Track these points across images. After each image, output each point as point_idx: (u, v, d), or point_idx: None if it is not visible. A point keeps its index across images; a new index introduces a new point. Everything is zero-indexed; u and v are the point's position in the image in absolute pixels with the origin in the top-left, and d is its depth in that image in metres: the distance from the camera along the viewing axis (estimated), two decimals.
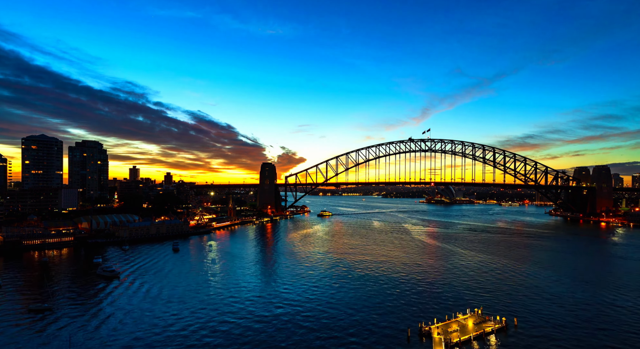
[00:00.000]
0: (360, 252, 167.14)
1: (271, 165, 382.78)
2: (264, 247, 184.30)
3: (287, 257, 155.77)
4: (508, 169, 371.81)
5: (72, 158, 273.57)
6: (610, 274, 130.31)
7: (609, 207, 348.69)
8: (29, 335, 74.57)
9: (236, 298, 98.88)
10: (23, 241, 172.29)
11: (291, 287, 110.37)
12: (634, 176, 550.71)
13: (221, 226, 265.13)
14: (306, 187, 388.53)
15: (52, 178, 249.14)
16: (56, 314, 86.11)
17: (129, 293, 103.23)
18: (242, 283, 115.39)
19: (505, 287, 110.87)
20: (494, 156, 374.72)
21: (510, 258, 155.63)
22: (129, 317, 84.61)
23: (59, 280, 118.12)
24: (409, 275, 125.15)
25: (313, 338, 74.12)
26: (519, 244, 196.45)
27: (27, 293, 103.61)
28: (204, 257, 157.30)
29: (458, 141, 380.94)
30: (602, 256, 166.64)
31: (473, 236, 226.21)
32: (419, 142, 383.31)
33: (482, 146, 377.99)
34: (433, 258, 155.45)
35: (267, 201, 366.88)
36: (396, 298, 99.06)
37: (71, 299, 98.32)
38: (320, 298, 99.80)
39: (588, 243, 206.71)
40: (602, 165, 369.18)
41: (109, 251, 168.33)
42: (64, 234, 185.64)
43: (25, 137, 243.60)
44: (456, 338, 72.02)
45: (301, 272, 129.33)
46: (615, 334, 76.24)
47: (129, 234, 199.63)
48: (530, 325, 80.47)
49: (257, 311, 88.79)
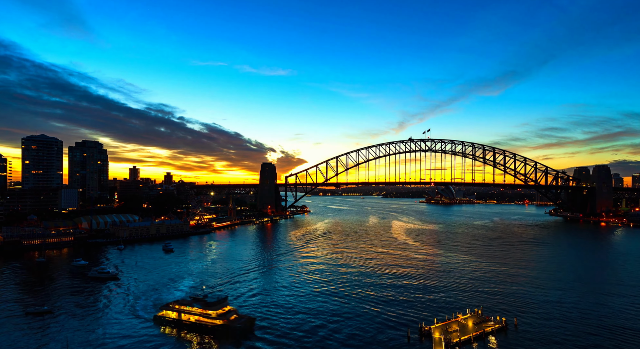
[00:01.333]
0: (360, 253, 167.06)
1: (271, 165, 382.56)
2: (264, 248, 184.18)
3: (286, 258, 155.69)
4: (508, 169, 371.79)
5: (72, 158, 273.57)
6: (610, 274, 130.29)
7: (609, 207, 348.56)
8: (24, 338, 74.53)
9: (237, 299, 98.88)
10: (23, 241, 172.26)
11: (290, 287, 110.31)
12: (634, 175, 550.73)
13: (221, 226, 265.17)
14: (306, 187, 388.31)
15: (52, 178, 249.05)
16: (54, 316, 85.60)
17: (122, 295, 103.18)
18: (241, 283, 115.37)
19: (505, 287, 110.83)
20: (494, 156, 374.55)
21: (510, 258, 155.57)
22: (121, 318, 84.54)
23: (53, 282, 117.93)
24: (408, 275, 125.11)
25: (313, 338, 74.06)
26: (518, 244, 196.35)
27: (25, 295, 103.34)
28: (204, 257, 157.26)
29: (458, 141, 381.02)
30: (602, 256, 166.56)
31: (473, 236, 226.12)
32: (419, 142, 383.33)
33: (482, 146, 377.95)
34: (433, 258, 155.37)
35: (267, 201, 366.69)
36: (396, 298, 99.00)
37: (67, 301, 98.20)
38: (320, 298, 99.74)
39: (588, 243, 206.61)
40: (602, 165, 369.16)
41: (107, 252, 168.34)
42: (63, 234, 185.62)
43: (25, 137, 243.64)
44: (456, 338, 71.97)
45: (300, 272, 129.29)
46: (615, 334, 76.20)
47: (129, 234, 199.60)
48: (530, 325, 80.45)
49: (257, 311, 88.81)
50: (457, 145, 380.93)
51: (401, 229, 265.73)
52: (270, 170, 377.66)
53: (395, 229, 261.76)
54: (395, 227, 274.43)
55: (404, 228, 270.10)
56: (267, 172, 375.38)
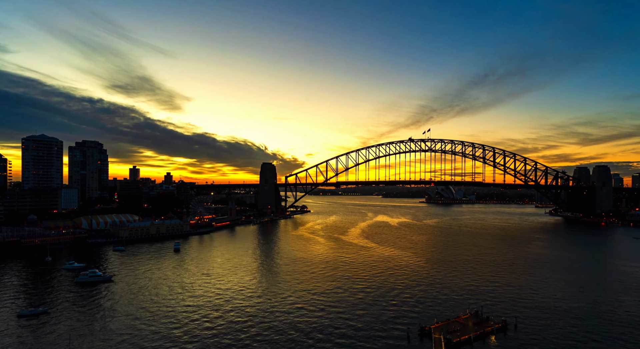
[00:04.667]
0: (360, 253, 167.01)
1: (271, 165, 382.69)
2: (264, 247, 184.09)
3: (286, 257, 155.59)
4: (508, 169, 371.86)
5: (72, 158, 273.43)
6: (610, 274, 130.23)
7: (609, 207, 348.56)
8: (22, 340, 74.48)
9: (236, 298, 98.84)
10: (23, 241, 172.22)
11: (290, 287, 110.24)
12: (634, 175, 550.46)
13: (221, 226, 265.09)
14: (306, 187, 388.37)
15: (52, 178, 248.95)
16: (52, 317, 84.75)
17: (123, 296, 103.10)
18: (241, 283, 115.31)
19: (505, 287, 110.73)
20: (494, 156, 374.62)
21: (510, 258, 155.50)
22: (123, 319, 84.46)
23: (48, 283, 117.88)
24: (408, 275, 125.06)
25: (312, 338, 74.00)
26: (518, 244, 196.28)
27: (23, 295, 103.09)
28: (203, 257, 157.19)
29: (458, 141, 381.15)
30: (602, 256, 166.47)
31: (472, 236, 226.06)
32: (419, 142, 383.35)
33: (482, 146, 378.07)
34: (433, 258, 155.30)
35: (267, 200, 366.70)
36: (396, 298, 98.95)
37: (59, 303, 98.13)
38: (319, 298, 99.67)
39: (588, 243, 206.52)
40: (602, 165, 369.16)
41: (105, 253, 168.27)
42: (63, 234, 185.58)
43: (25, 137, 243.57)
44: (456, 338, 71.91)
45: (300, 272, 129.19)
46: (615, 335, 76.12)
47: (129, 234, 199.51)
48: (530, 325, 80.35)
49: (257, 311, 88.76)
50: (457, 145, 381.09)
51: (401, 228, 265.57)
52: (270, 170, 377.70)
53: (395, 229, 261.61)
54: (395, 227, 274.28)
55: (404, 228, 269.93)
56: (267, 172, 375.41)
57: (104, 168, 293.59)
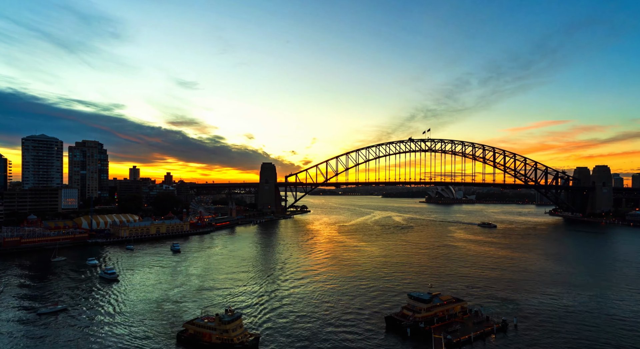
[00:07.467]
0: (360, 252, 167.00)
1: (271, 165, 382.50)
2: (264, 247, 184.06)
3: (285, 257, 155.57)
4: (508, 169, 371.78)
5: (72, 158, 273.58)
6: (610, 274, 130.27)
7: (609, 207, 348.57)
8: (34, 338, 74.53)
9: (235, 298, 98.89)
10: (22, 240, 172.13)
11: (290, 287, 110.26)
12: (634, 176, 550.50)
13: (221, 225, 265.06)
14: (306, 187, 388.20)
15: (52, 178, 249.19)
16: (66, 316, 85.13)
17: (132, 294, 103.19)
18: (241, 283, 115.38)
19: (505, 287, 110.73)
20: (494, 156, 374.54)
21: (510, 258, 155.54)
22: (131, 318, 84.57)
23: (60, 282, 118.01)
24: (408, 274, 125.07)
25: (311, 338, 74.04)
26: (518, 244, 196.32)
27: (35, 295, 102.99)
28: (204, 257, 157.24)
29: (458, 141, 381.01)
30: (602, 256, 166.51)
31: (472, 236, 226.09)
32: (419, 142, 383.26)
33: (482, 146, 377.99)
34: (433, 258, 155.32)
35: (267, 200, 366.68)
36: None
37: (77, 301, 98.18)
38: (319, 297, 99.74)
39: (588, 243, 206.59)
40: (602, 165, 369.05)
41: (109, 252, 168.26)
42: (63, 234, 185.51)
43: (25, 137, 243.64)
44: (456, 338, 71.89)
45: (300, 272, 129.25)
46: (615, 335, 76.12)
47: (129, 234, 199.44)
48: (530, 325, 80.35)
49: (256, 311, 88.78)
50: (457, 145, 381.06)
51: (401, 228, 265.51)
52: (270, 170, 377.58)
53: (395, 228, 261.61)
54: (395, 226, 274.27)
55: (404, 227, 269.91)
56: (267, 172, 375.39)
57: (104, 168, 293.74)
